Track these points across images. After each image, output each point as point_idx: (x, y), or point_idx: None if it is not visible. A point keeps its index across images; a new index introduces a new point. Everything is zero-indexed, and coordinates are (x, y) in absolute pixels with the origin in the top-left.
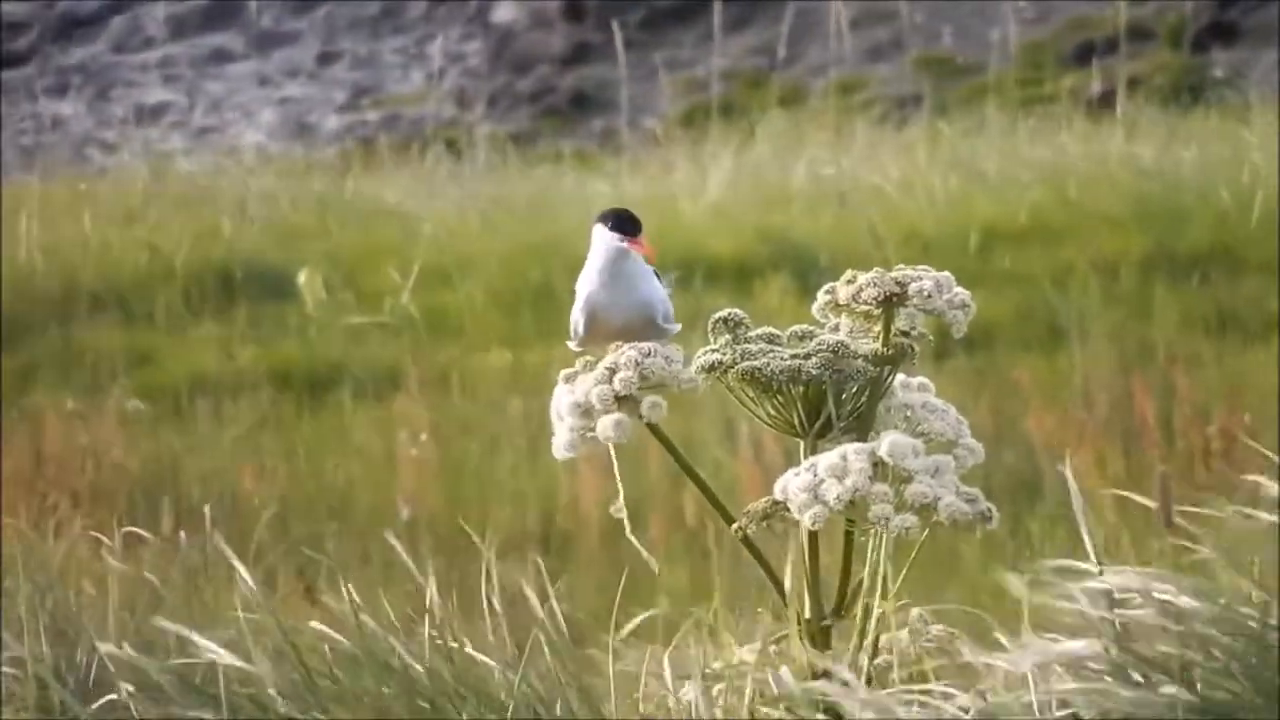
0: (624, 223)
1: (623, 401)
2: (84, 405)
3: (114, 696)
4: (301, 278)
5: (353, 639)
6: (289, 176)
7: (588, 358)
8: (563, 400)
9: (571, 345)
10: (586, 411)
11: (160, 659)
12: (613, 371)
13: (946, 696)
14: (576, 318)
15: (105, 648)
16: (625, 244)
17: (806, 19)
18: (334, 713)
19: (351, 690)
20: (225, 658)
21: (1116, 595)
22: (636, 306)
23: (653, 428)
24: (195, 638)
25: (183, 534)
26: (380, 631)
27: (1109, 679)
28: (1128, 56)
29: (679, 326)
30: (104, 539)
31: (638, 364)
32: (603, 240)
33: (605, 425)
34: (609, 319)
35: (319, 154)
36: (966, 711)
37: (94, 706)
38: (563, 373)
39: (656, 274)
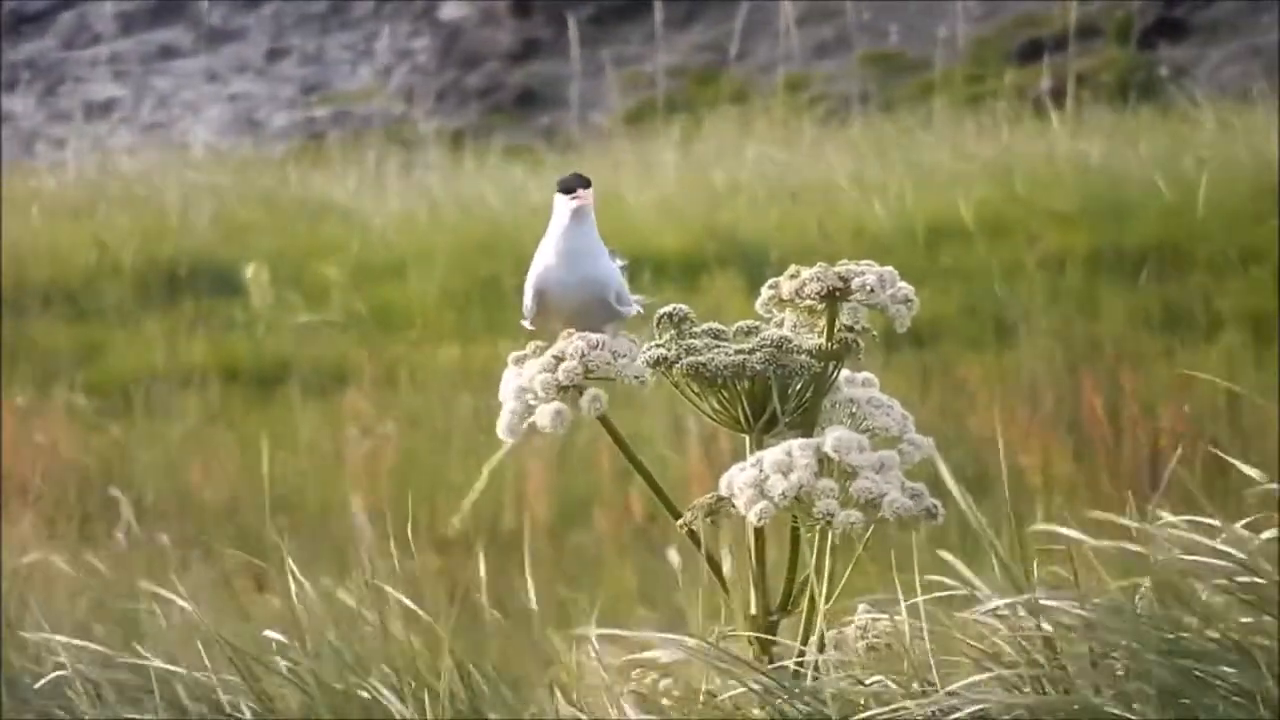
0: (568, 181)
1: (565, 391)
2: (33, 401)
3: (62, 674)
4: (249, 273)
5: (297, 630)
6: (237, 172)
7: (538, 343)
8: (509, 383)
9: (525, 324)
10: (529, 398)
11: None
12: (559, 360)
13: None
14: (528, 292)
15: (56, 637)
16: (571, 200)
17: (754, 16)
18: (277, 705)
19: (294, 682)
20: (155, 662)
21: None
22: (588, 284)
23: (602, 419)
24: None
25: (121, 536)
26: (319, 620)
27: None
28: (1075, 53)
29: (635, 309)
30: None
31: (583, 355)
32: (557, 208)
33: (544, 414)
34: (561, 296)
35: (267, 150)
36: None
37: (40, 684)
38: (512, 355)
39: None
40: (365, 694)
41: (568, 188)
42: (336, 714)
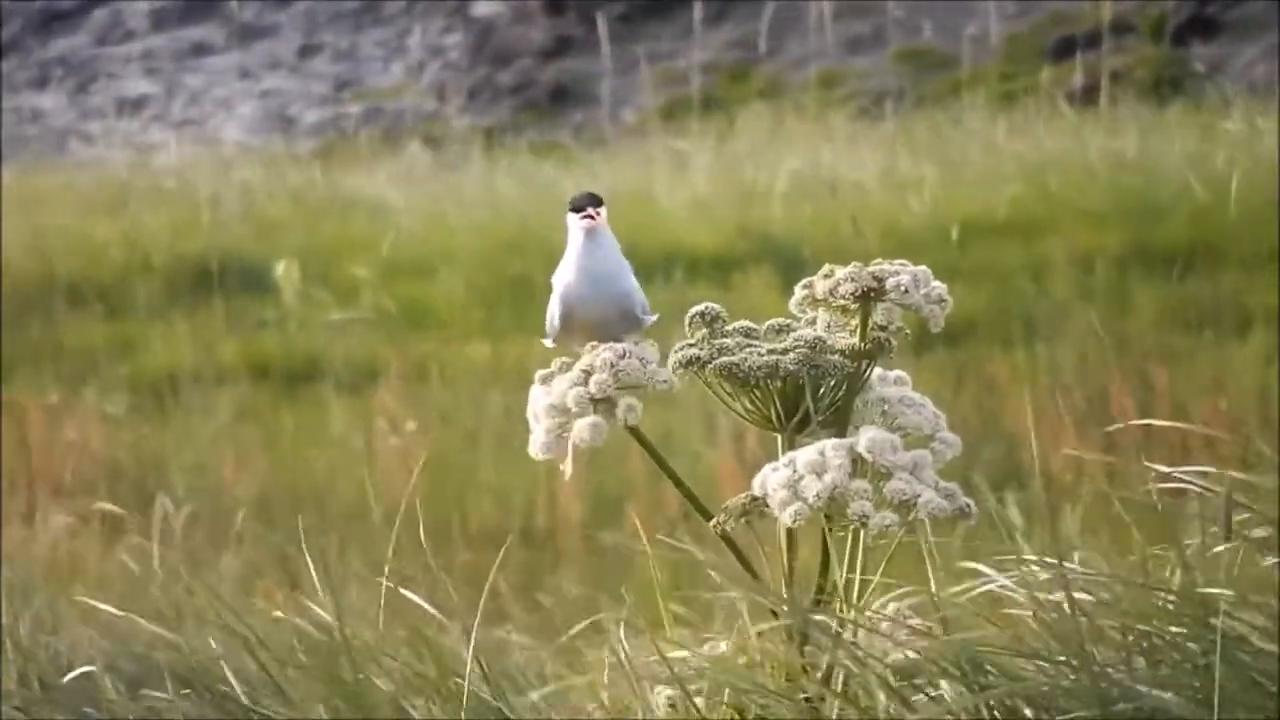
0: (578, 200)
1: (599, 403)
2: (65, 398)
3: (91, 668)
4: (279, 270)
5: (325, 628)
6: (269, 169)
7: (564, 359)
8: (539, 402)
9: (547, 343)
10: (563, 414)
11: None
12: (588, 374)
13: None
14: (553, 312)
15: (83, 632)
16: (580, 221)
17: (787, 12)
18: (301, 704)
19: (322, 680)
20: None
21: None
22: (614, 299)
23: (632, 429)
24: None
25: (154, 533)
26: (343, 624)
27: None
28: (1108, 51)
29: (655, 316)
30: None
31: (613, 366)
32: (571, 228)
33: (581, 429)
34: (586, 313)
35: (299, 147)
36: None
37: (68, 678)
38: (538, 374)
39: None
40: (386, 689)
41: (577, 207)
42: (361, 711)
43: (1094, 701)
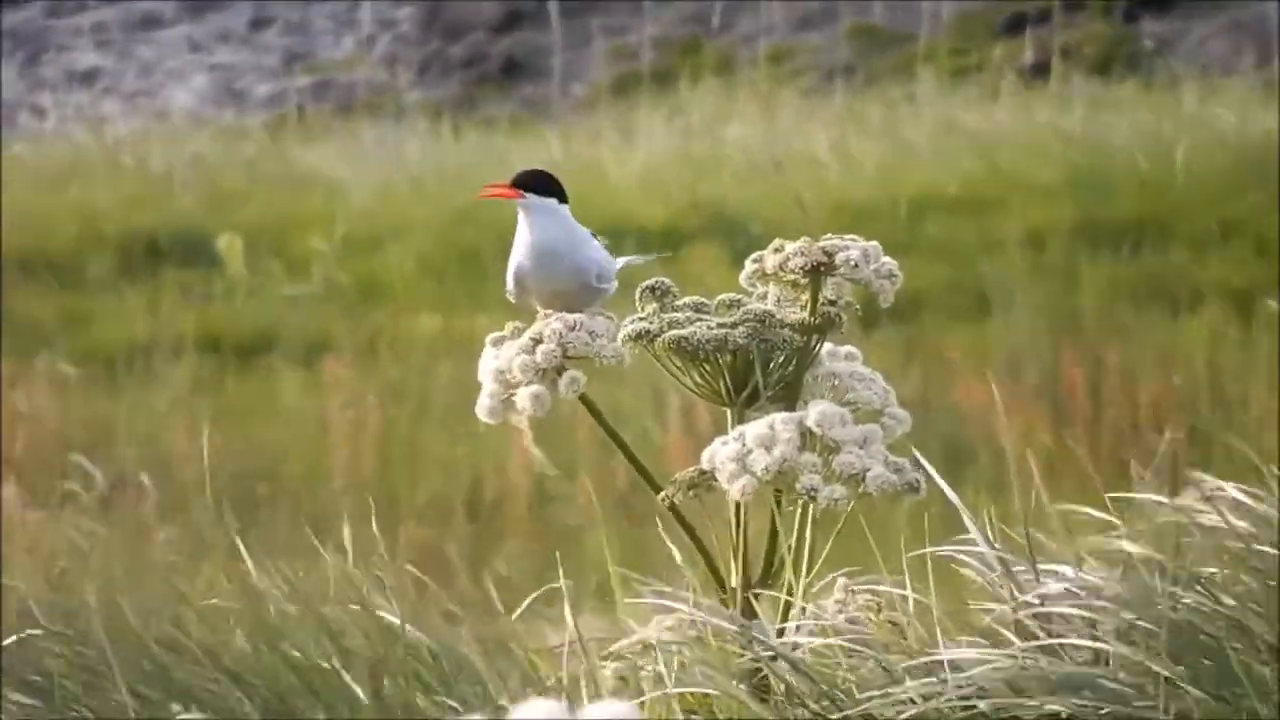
0: (516, 177)
1: (545, 373)
2: (17, 369)
3: (35, 632)
4: (221, 243)
5: (261, 604)
6: (220, 142)
7: (517, 324)
8: (488, 365)
9: (509, 297)
10: (508, 380)
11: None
12: (536, 342)
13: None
14: (509, 281)
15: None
16: (505, 192)
17: None
18: (238, 678)
19: (269, 657)
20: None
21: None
22: (567, 274)
23: (582, 397)
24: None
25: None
26: (297, 595)
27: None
28: (1059, 27)
29: (615, 284)
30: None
31: (561, 337)
32: (522, 206)
33: (524, 397)
34: (536, 286)
35: (250, 120)
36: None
37: (7, 642)
38: (490, 336)
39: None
40: (326, 666)
41: (512, 183)
42: (303, 686)
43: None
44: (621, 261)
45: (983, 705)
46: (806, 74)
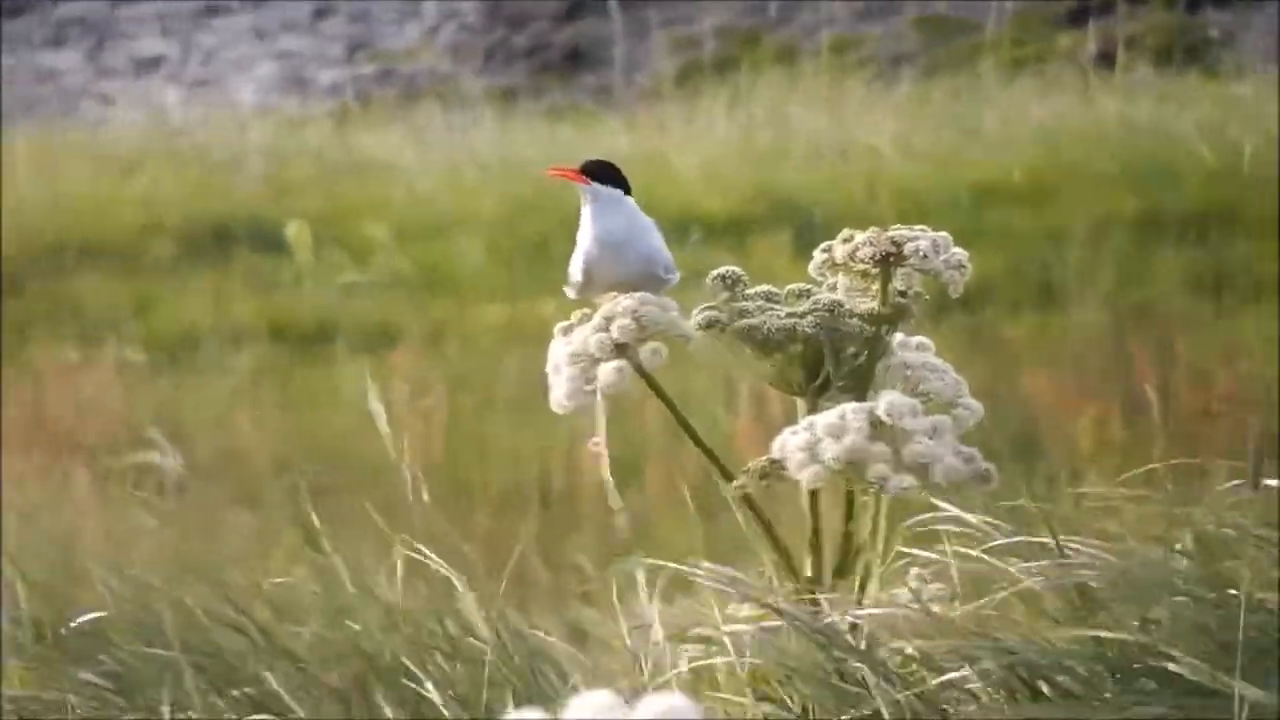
0: (585, 165)
1: (621, 349)
2: (83, 356)
3: (102, 614)
4: (290, 231)
5: (339, 588)
6: (284, 130)
7: (584, 310)
8: (560, 352)
9: (569, 292)
10: (585, 361)
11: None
12: (609, 320)
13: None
14: (574, 273)
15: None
16: (572, 174)
17: None
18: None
19: (332, 638)
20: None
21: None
22: (633, 264)
23: (651, 382)
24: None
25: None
26: (365, 581)
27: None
28: (1122, 17)
29: (678, 276)
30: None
31: (634, 312)
32: (581, 194)
33: (606, 373)
34: (603, 276)
35: (314, 108)
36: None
37: (76, 622)
38: (559, 325)
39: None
40: (403, 657)
41: (582, 170)
42: (376, 676)
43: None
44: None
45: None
46: (869, 64)
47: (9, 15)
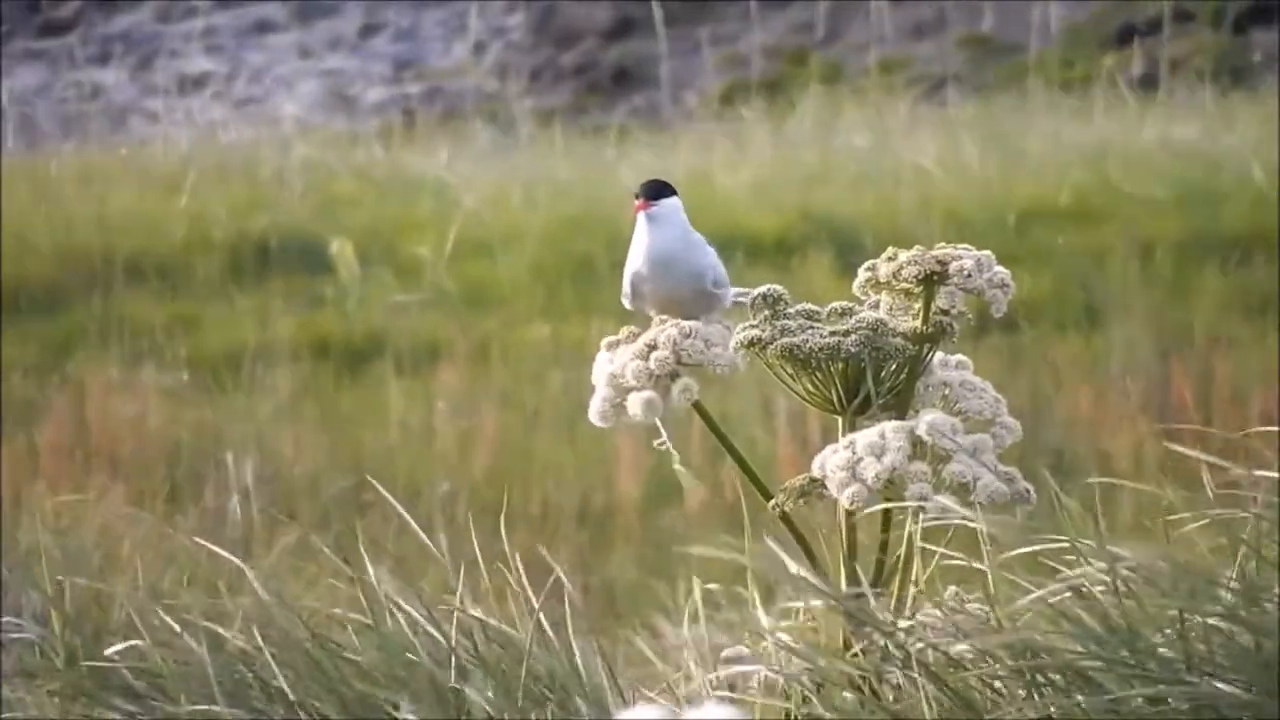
0: (642, 187)
1: (657, 380)
2: (126, 374)
3: (138, 643)
4: (334, 248)
5: (376, 612)
6: (330, 148)
7: (632, 329)
8: (602, 369)
9: (625, 303)
10: (620, 385)
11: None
12: (651, 348)
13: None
14: (625, 286)
15: (130, 602)
16: (637, 207)
17: None
18: (345, 688)
19: (370, 664)
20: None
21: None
22: (684, 279)
23: (695, 403)
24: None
25: (234, 504)
26: (401, 603)
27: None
28: (1168, 38)
29: (732, 291)
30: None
31: (675, 344)
32: (642, 210)
33: (635, 403)
34: (653, 292)
35: (360, 126)
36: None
37: (113, 650)
38: (605, 339)
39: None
40: (442, 678)
41: (638, 193)
42: (411, 697)
43: (1146, 684)
44: (734, 292)
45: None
46: (917, 84)
47: (55, 32)
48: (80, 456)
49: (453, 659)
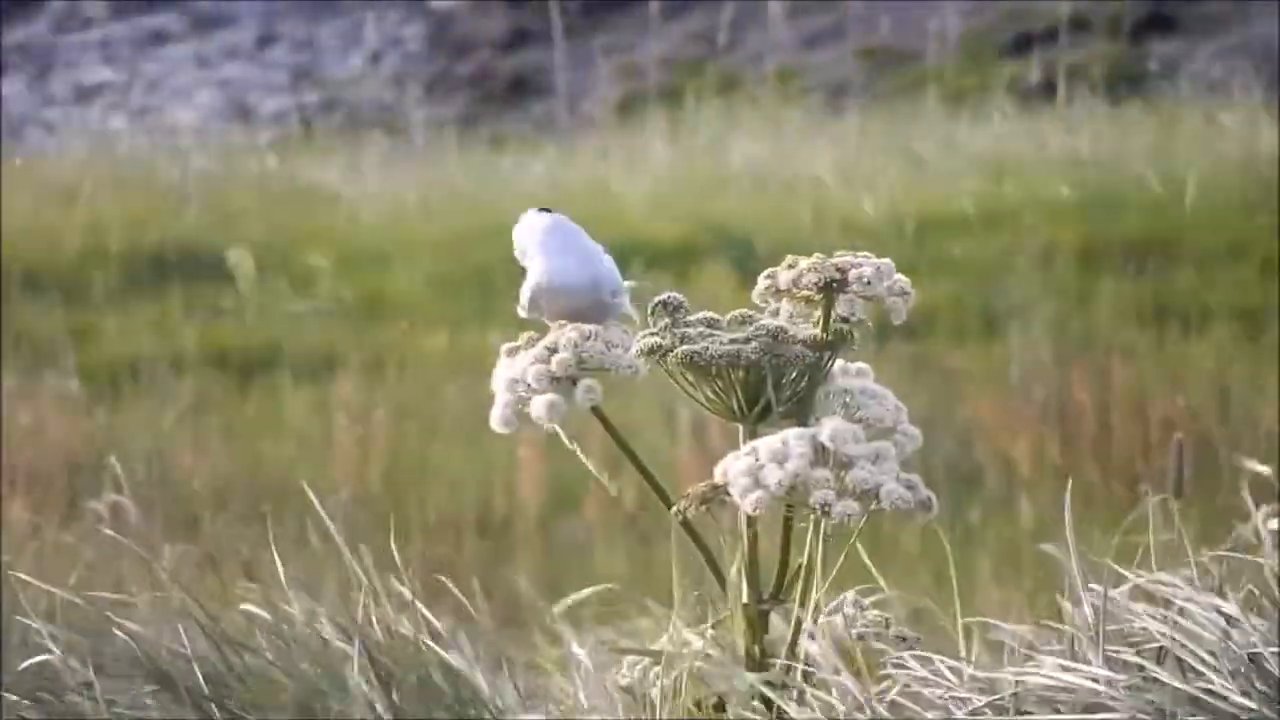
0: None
1: (559, 382)
2: (22, 385)
3: (47, 657)
4: (231, 258)
5: (281, 617)
6: (227, 158)
7: (531, 334)
8: (502, 375)
9: (521, 312)
10: (522, 389)
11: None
12: (552, 351)
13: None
14: (524, 297)
15: (38, 624)
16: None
17: (746, 8)
18: (254, 691)
19: (276, 669)
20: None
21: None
22: (583, 288)
23: (594, 408)
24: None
25: (133, 514)
26: (309, 610)
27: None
28: (1065, 47)
29: (628, 299)
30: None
31: (576, 346)
32: (533, 223)
33: (538, 406)
34: (554, 302)
35: (258, 136)
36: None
37: (22, 667)
38: (505, 345)
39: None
40: (343, 684)
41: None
42: (312, 703)
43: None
44: (626, 284)
45: None
46: (813, 93)
47: None
48: None
49: (354, 664)
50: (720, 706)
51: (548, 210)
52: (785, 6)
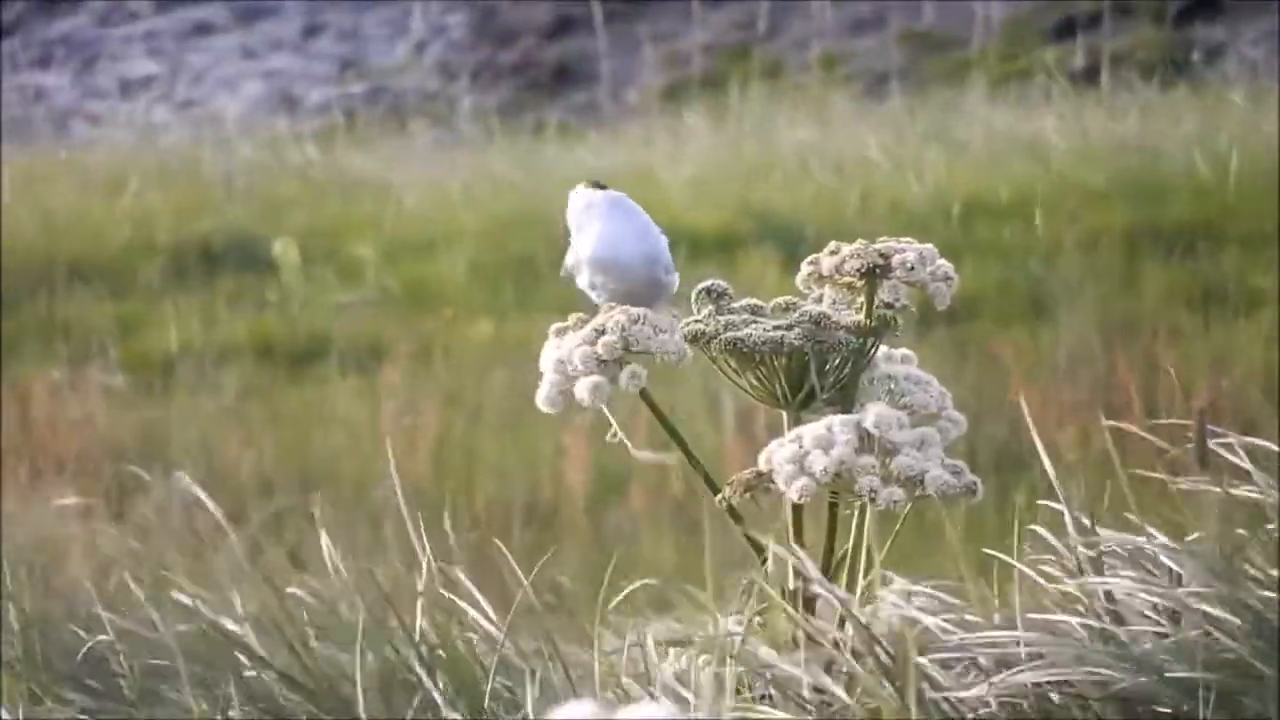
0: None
1: (605, 365)
2: (69, 376)
3: (104, 636)
4: (276, 248)
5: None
6: (272, 149)
7: (580, 315)
8: (549, 355)
9: (562, 275)
10: (567, 371)
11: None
12: (599, 333)
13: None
14: (569, 261)
15: (99, 611)
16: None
17: None
18: (318, 676)
19: (336, 654)
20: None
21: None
22: (639, 263)
23: (642, 393)
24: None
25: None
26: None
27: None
28: (1109, 32)
29: (678, 278)
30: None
31: (624, 330)
32: (585, 199)
33: (582, 388)
34: (608, 276)
35: (303, 126)
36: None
37: (80, 655)
38: (553, 326)
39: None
40: (402, 675)
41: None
42: (380, 687)
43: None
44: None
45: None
46: (857, 79)
47: None
48: (26, 459)
49: (416, 652)
50: (766, 696)
51: (601, 185)
52: None
